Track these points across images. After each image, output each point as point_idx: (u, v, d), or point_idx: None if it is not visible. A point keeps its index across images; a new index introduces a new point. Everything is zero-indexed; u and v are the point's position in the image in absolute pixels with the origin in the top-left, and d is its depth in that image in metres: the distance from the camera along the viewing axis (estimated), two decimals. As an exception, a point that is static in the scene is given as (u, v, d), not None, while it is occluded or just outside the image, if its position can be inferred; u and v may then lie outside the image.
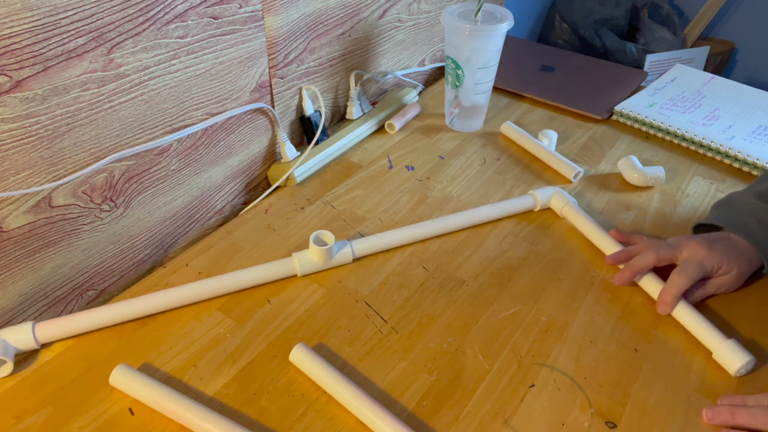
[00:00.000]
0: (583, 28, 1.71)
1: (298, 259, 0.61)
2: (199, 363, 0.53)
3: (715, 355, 0.54)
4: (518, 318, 0.58)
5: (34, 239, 0.53)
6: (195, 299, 0.58)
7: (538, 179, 0.78)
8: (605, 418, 0.50)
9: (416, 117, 0.90)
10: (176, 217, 0.67)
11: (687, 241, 0.60)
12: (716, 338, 0.54)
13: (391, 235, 0.66)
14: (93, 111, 0.54)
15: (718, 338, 0.54)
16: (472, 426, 0.49)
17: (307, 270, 0.62)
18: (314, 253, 0.61)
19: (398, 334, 0.57)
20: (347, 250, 0.63)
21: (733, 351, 0.53)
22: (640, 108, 0.89)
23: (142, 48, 0.55)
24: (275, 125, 0.76)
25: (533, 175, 0.78)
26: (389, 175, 0.78)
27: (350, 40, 0.82)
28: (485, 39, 0.78)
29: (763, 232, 0.60)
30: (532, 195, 0.71)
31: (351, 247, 0.63)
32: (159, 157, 0.62)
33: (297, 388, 0.51)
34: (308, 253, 0.62)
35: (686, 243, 0.60)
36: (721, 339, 0.54)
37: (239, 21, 0.64)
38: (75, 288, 0.59)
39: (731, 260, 0.59)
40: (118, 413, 0.49)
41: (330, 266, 0.63)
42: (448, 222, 0.68)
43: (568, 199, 0.70)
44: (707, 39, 1.97)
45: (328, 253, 0.61)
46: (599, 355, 0.55)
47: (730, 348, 0.53)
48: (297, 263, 0.61)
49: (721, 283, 0.60)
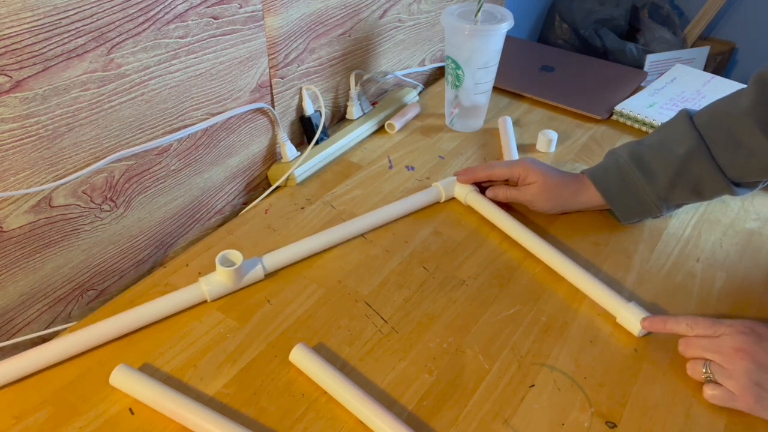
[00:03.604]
0: (583, 28, 1.71)
1: (205, 283, 0.58)
2: (199, 363, 0.53)
3: (618, 320, 0.58)
4: (518, 318, 0.58)
5: (35, 239, 0.54)
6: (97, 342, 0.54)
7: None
8: (605, 418, 0.50)
9: (416, 117, 0.90)
10: (176, 217, 0.67)
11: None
12: (618, 303, 0.58)
13: (300, 245, 0.63)
14: (93, 111, 0.54)
15: (620, 303, 0.58)
16: (472, 426, 0.49)
17: (217, 294, 0.58)
18: (222, 274, 0.58)
19: (398, 334, 0.57)
20: (258, 267, 0.60)
21: (632, 313, 0.56)
22: (640, 108, 0.90)
23: (142, 48, 0.55)
24: (275, 125, 0.76)
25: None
26: (389, 175, 0.78)
27: (350, 40, 0.82)
28: (485, 39, 0.78)
29: (608, 174, 0.67)
30: (436, 186, 0.73)
31: (262, 264, 0.60)
32: (159, 157, 0.62)
33: (297, 388, 0.51)
34: (216, 275, 0.58)
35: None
36: (623, 303, 0.58)
37: (239, 21, 0.64)
38: (75, 288, 0.59)
39: (536, 174, 0.68)
40: (119, 413, 0.49)
41: (241, 286, 0.60)
42: (358, 224, 0.67)
43: (471, 188, 0.72)
44: (707, 39, 1.97)
45: (238, 273, 0.58)
46: (599, 355, 0.55)
47: (630, 310, 0.57)
48: (205, 288, 0.57)
49: (527, 193, 0.68)
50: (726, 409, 0.50)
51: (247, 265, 0.60)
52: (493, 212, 0.69)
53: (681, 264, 0.65)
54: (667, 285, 0.63)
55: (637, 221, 0.70)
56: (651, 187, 0.65)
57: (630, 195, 0.67)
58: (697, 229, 0.70)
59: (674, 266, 0.65)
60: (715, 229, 0.70)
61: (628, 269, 0.64)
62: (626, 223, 0.70)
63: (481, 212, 0.71)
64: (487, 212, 0.70)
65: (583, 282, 0.61)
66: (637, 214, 0.68)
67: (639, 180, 0.65)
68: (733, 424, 0.50)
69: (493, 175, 0.71)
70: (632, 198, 0.67)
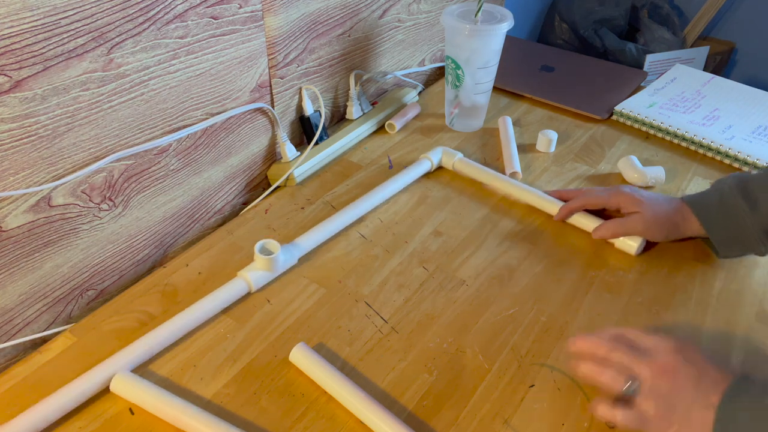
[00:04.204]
0: (583, 28, 1.71)
1: (248, 275, 0.59)
2: (199, 363, 0.53)
3: (616, 245, 0.66)
4: (518, 318, 0.58)
5: (34, 239, 0.53)
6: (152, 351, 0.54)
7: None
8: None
9: (416, 117, 0.90)
10: (176, 217, 0.67)
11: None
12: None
13: (327, 224, 0.66)
14: (93, 111, 0.54)
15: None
16: (472, 426, 0.49)
17: (260, 283, 0.60)
18: (262, 263, 0.59)
19: (398, 334, 0.57)
20: (293, 254, 0.62)
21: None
22: (640, 108, 0.89)
23: (142, 48, 0.55)
24: (275, 125, 0.76)
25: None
26: (389, 175, 0.78)
27: (350, 40, 0.82)
28: (485, 39, 0.78)
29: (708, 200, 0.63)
30: (426, 158, 0.77)
31: (296, 249, 0.62)
32: (158, 156, 0.62)
33: (297, 388, 0.51)
34: (255, 265, 0.60)
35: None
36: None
37: (239, 21, 0.64)
38: (75, 288, 0.59)
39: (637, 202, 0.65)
40: (119, 413, 0.49)
41: (278, 273, 0.61)
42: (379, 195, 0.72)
43: (456, 155, 0.78)
44: (707, 39, 1.97)
45: (276, 261, 0.60)
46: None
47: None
48: (250, 279, 0.59)
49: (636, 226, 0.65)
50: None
51: (283, 252, 0.61)
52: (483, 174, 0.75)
53: (681, 264, 0.65)
54: (667, 285, 0.63)
55: (737, 256, 0.64)
56: (754, 217, 0.59)
57: (730, 224, 0.61)
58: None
59: (674, 266, 0.65)
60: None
61: (629, 269, 0.64)
62: (725, 257, 0.64)
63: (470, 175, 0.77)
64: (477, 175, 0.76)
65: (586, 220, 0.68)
66: (737, 246, 0.62)
67: (741, 207, 0.60)
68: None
69: (588, 204, 0.69)
70: (733, 227, 0.61)
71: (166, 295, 0.60)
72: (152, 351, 0.53)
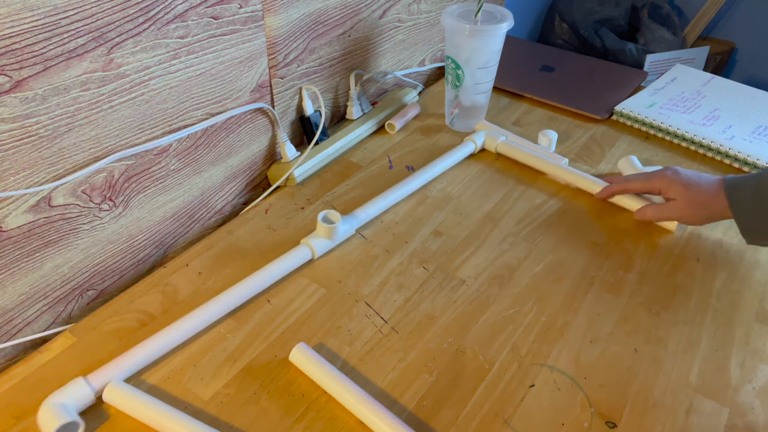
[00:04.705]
0: (583, 28, 1.71)
1: (311, 242, 0.63)
2: (198, 363, 0.53)
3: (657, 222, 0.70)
4: (518, 318, 0.58)
5: (34, 239, 0.53)
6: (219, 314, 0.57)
7: (539, 176, 0.78)
8: (605, 418, 0.50)
9: (416, 117, 0.90)
10: (176, 217, 0.67)
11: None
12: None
13: (382, 199, 0.71)
14: (93, 111, 0.54)
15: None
16: (472, 426, 0.49)
17: (321, 251, 0.64)
18: (324, 230, 0.63)
19: (398, 334, 0.57)
20: (351, 225, 0.67)
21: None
22: (640, 108, 0.89)
23: (142, 48, 0.55)
24: (275, 125, 0.76)
25: (534, 172, 0.78)
26: (389, 175, 0.78)
27: (350, 40, 0.82)
28: (485, 39, 0.78)
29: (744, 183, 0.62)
30: (471, 140, 0.81)
31: (354, 221, 0.68)
32: (159, 156, 0.62)
33: (297, 388, 0.51)
34: (317, 232, 0.64)
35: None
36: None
37: (239, 21, 0.64)
38: (75, 288, 0.59)
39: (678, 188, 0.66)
40: (119, 413, 0.49)
41: (337, 243, 0.66)
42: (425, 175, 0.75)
43: (499, 137, 0.81)
44: (707, 39, 1.97)
45: (336, 231, 0.64)
46: (599, 355, 0.55)
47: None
48: (313, 246, 0.63)
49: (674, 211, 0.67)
50: (725, 409, 0.50)
51: (343, 223, 0.66)
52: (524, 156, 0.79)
53: (681, 264, 0.65)
54: (667, 285, 0.63)
55: (765, 244, 0.62)
56: None
57: (762, 210, 0.59)
58: (697, 229, 0.70)
59: (674, 266, 0.65)
60: (716, 229, 0.70)
61: (629, 269, 0.64)
62: (753, 243, 0.62)
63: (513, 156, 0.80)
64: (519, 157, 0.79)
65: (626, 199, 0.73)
66: (766, 233, 0.60)
67: None
68: (733, 424, 0.50)
69: (629, 189, 0.70)
70: (764, 215, 0.59)
71: (167, 295, 0.60)
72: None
